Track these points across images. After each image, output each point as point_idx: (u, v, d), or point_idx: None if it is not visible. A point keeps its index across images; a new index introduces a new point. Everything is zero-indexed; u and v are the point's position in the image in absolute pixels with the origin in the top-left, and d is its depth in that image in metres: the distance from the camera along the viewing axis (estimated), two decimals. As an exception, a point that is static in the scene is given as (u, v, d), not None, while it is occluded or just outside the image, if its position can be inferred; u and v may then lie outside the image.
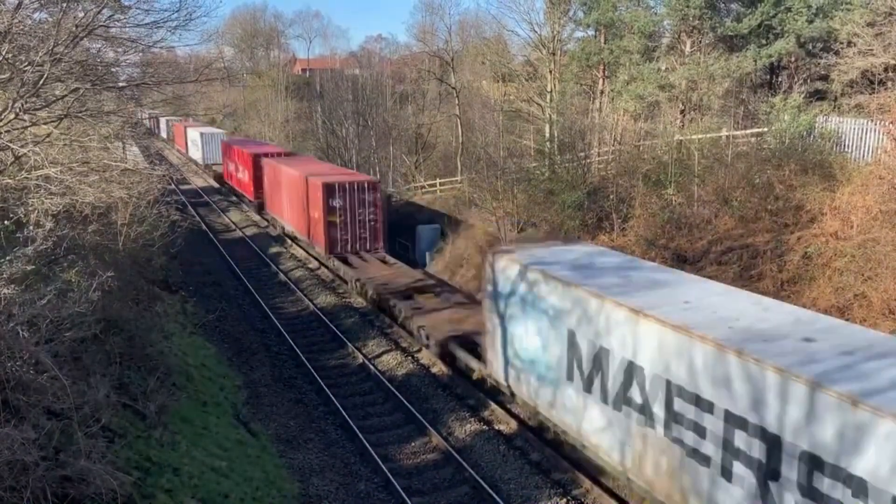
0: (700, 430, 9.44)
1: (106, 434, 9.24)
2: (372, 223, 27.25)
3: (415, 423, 15.37)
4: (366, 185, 27.25)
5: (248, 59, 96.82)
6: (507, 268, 13.63)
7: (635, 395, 10.54)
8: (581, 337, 11.63)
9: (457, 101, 51.86)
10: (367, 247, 27.25)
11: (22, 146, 9.98)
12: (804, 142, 21.47)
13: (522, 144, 36.53)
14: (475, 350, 16.25)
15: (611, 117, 32.65)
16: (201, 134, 55.53)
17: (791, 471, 8.15)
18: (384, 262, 26.23)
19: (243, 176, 40.52)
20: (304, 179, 28.20)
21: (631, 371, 10.60)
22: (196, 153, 58.11)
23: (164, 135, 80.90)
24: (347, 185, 26.76)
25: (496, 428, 14.97)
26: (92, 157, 12.87)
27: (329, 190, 26.35)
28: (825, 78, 26.92)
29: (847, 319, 14.86)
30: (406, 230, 31.48)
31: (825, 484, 7.76)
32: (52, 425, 7.99)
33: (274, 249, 32.44)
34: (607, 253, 15.07)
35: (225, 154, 46.88)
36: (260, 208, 38.22)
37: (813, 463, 7.88)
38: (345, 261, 26.13)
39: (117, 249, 16.54)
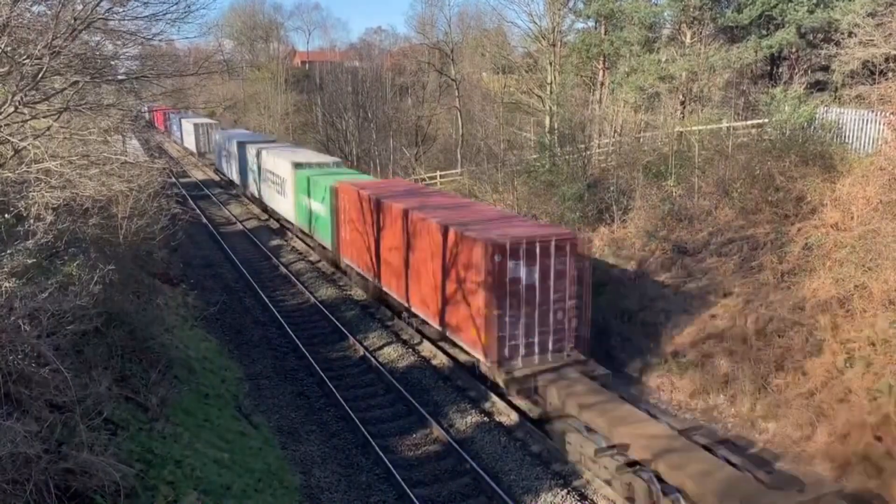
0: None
1: (108, 427, 9.28)
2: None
3: (416, 415, 15.42)
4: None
5: (248, 52, 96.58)
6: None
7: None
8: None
9: (457, 93, 51.77)
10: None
11: (22, 140, 9.98)
12: (805, 133, 21.37)
13: (522, 136, 36.51)
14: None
15: (611, 109, 32.60)
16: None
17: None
18: None
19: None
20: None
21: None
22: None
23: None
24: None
25: (497, 420, 15.02)
26: (92, 151, 12.83)
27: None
28: (826, 69, 26.80)
29: (847, 311, 14.89)
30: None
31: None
32: (55, 418, 8.03)
33: (274, 242, 32.45)
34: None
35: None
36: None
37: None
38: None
39: (118, 242, 16.54)
